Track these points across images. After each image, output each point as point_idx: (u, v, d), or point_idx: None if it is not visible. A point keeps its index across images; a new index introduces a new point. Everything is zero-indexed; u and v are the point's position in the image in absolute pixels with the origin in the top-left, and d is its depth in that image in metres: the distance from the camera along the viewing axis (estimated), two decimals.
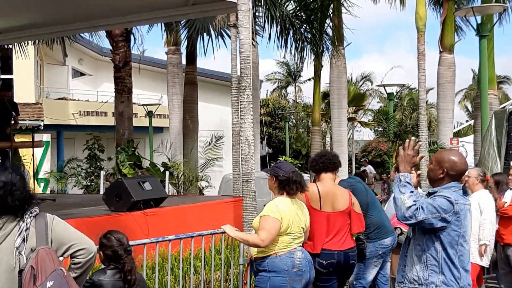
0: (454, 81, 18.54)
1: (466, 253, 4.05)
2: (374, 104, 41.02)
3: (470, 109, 43.96)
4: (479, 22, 11.74)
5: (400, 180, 4.04)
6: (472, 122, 26.16)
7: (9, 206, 3.35)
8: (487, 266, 7.82)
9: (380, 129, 25.24)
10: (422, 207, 3.89)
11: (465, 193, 8.95)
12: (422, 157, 4.61)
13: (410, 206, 3.90)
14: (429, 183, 4.36)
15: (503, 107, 13.62)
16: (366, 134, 40.77)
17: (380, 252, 6.42)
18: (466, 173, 7.83)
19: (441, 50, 18.43)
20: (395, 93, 22.89)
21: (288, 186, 5.21)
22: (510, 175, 8.16)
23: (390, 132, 18.09)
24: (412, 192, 3.98)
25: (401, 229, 6.83)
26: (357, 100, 36.04)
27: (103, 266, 4.09)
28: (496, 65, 18.12)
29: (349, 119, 29.19)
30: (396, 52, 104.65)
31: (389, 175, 16.77)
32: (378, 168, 30.14)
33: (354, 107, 35.23)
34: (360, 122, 37.79)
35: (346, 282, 6.33)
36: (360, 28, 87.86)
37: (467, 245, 4.07)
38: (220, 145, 19.41)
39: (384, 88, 21.99)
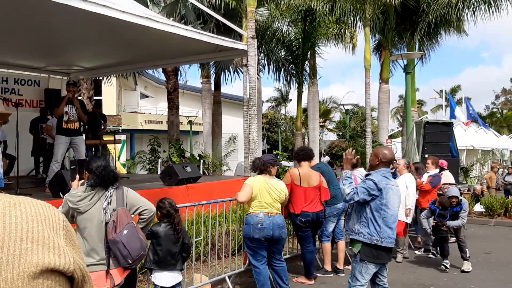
0: (388, 102, 18.50)
1: (389, 216, 4.14)
2: (337, 116, 40.89)
3: (400, 119, 43.91)
4: (405, 63, 11.72)
5: (343, 176, 4.24)
6: (400, 128, 26.11)
7: (106, 181, 3.38)
8: (410, 223, 7.85)
9: (340, 133, 25.19)
10: (357, 192, 4.14)
11: (395, 175, 8.97)
12: (358, 158, 4.75)
13: (349, 192, 4.17)
14: (368, 168, 4.49)
15: (420, 119, 13.62)
16: (331, 136, 40.60)
17: (335, 213, 6.44)
18: (397, 162, 7.87)
19: (381, 81, 18.38)
20: (350, 110, 22.76)
21: (253, 168, 5.41)
22: (427, 163, 8.18)
23: (346, 135, 18.06)
24: (351, 183, 4.25)
25: None
26: (325, 114, 36.08)
27: (158, 221, 4.10)
28: (419, 92, 18.10)
29: (320, 126, 29.16)
30: (352, 82, 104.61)
31: None
32: (338, 159, 30.09)
33: (323, 119, 35.22)
34: (327, 128, 37.77)
35: (317, 232, 6.35)
36: (329, 66, 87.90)
37: (390, 210, 4.15)
38: (235, 142, 19.41)
39: (343, 106, 21.92)
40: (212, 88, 18.35)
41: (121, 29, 6.92)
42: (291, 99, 35.91)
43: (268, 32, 15.74)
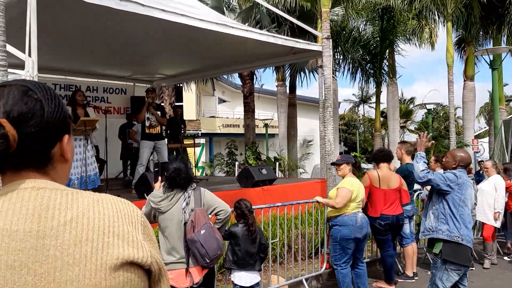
0: (474, 100, 17.49)
1: (466, 214, 3.93)
2: (419, 117, 39.18)
3: (487, 118, 41.12)
4: (491, 59, 10.97)
5: (417, 156, 4.18)
6: (487, 128, 24.53)
7: (177, 183, 3.50)
8: (499, 227, 7.35)
9: None
10: (431, 173, 4.01)
11: (482, 177, 8.44)
12: (432, 143, 4.62)
13: (423, 170, 4.05)
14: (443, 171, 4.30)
15: (509, 117, 12.66)
16: (412, 138, 38.93)
17: (405, 215, 6.13)
18: (484, 163, 7.38)
19: (465, 79, 17.44)
20: (432, 109, 21.73)
21: (359, 168, 5.36)
22: None
23: (429, 136, 17.25)
24: (424, 162, 4.12)
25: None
26: (406, 114, 34.95)
27: (235, 222, 4.17)
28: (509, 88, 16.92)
29: (401, 127, 28.15)
30: (437, 80, 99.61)
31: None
32: None
33: (404, 119, 34.01)
34: (408, 129, 36.34)
35: (397, 236, 6.15)
36: (412, 64, 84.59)
37: (467, 209, 3.94)
38: (310, 145, 19.23)
39: (425, 106, 21.00)
40: (287, 91, 18.38)
41: (200, 36, 7.16)
42: (373, 102, 35.05)
43: (344, 32, 15.47)
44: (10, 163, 0.92)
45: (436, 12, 15.58)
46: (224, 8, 14.66)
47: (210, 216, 3.55)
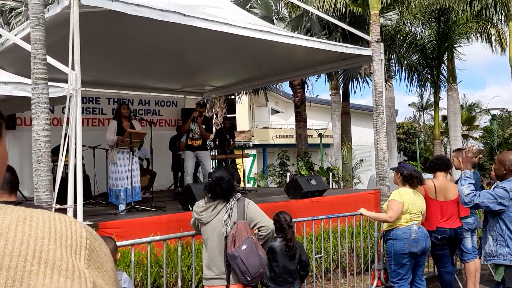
0: None
1: None
2: (483, 123, 37.11)
3: None
4: None
5: (461, 176, 3.66)
6: None
7: (217, 193, 3.35)
8: None
9: (488, 141, 22.71)
10: (478, 195, 3.50)
11: None
12: (480, 158, 4.04)
13: (468, 194, 3.56)
14: (497, 180, 3.75)
15: None
16: (477, 145, 36.88)
17: (466, 228, 5.60)
18: None
19: None
20: (497, 115, 20.43)
21: (411, 180, 4.82)
22: None
23: (492, 143, 16.19)
24: (470, 183, 3.59)
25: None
26: (468, 121, 33.20)
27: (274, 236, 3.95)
28: None
29: (464, 135, 26.71)
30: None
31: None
32: (486, 170, 27.27)
33: (466, 126, 32.30)
34: (471, 137, 34.45)
35: (455, 251, 5.66)
36: (483, 68, 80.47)
37: None
38: (361, 154, 18.65)
39: (489, 111, 19.83)
40: (341, 99, 17.96)
41: (246, 45, 7.08)
42: (432, 109, 33.64)
43: (399, 36, 14.88)
44: None
45: (498, 12, 14.66)
46: (274, 18, 14.56)
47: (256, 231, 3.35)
